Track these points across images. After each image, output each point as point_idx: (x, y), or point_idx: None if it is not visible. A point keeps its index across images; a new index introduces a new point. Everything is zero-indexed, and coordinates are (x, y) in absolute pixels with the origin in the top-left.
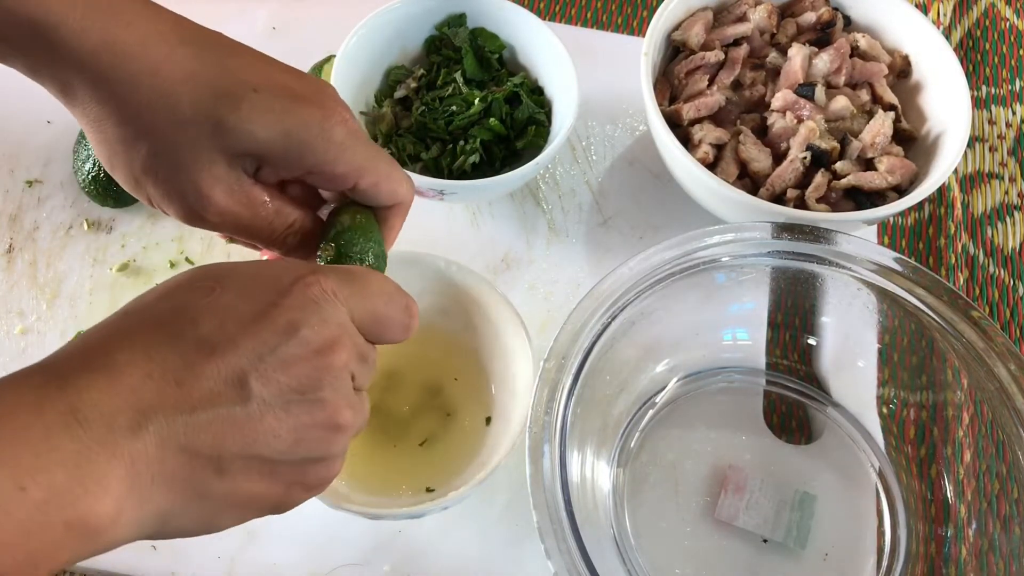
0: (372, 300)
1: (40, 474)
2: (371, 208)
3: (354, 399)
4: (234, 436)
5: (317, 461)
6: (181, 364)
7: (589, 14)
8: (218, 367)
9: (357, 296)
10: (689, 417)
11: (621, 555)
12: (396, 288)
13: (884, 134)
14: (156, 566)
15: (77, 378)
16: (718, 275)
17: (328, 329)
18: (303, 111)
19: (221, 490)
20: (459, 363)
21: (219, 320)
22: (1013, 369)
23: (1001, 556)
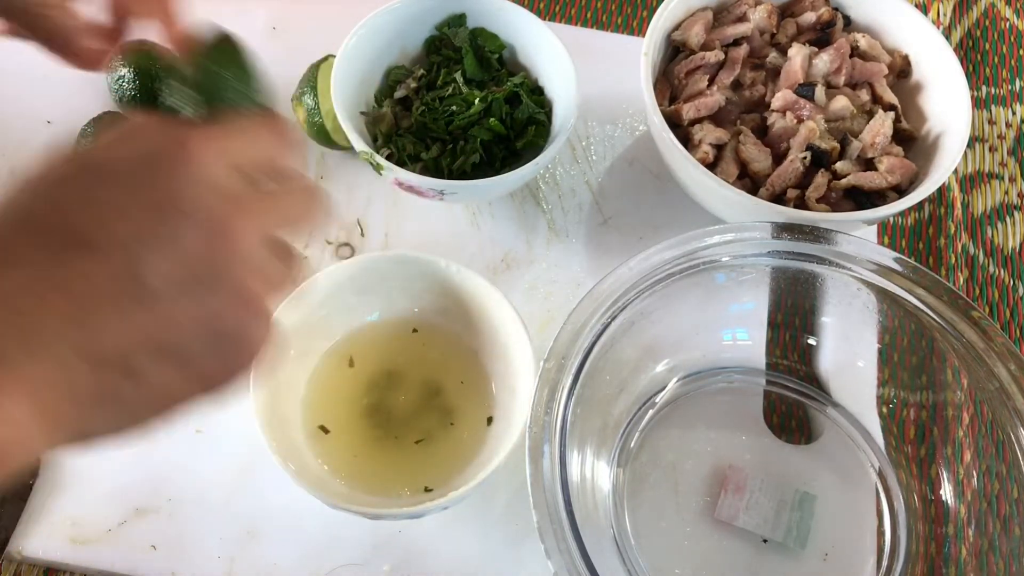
0: (262, 151)
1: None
2: (227, 35)
3: (265, 263)
4: (133, 334)
5: (236, 338)
6: (63, 270)
7: (589, 14)
8: (102, 265)
9: (246, 153)
10: (689, 417)
11: (621, 555)
12: (283, 128)
13: (884, 134)
14: (156, 566)
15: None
16: (718, 275)
17: (214, 204)
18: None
19: (134, 391)
20: (460, 363)
21: (95, 212)
22: (1013, 369)
23: (1001, 556)
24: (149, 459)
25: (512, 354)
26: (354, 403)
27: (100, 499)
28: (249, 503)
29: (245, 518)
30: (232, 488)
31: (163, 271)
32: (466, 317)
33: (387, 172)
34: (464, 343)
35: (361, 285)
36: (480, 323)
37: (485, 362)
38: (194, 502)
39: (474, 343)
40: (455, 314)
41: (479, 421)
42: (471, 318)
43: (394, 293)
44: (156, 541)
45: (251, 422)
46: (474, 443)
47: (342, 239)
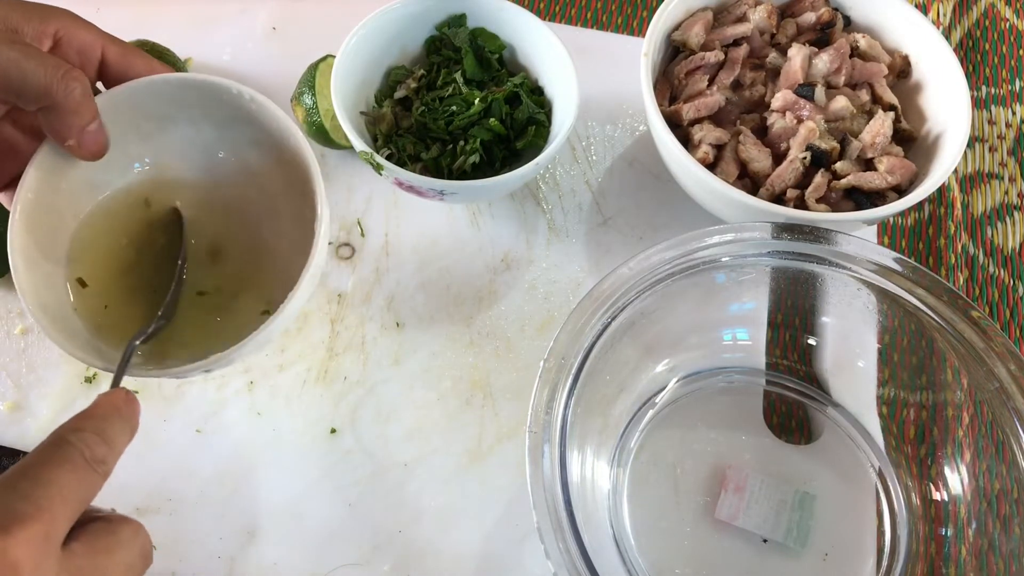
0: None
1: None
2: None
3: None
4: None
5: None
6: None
7: (589, 14)
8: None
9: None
10: (689, 417)
11: (621, 555)
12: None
13: (884, 134)
14: (156, 566)
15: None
16: (718, 275)
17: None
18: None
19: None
20: (248, 231)
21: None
22: (1013, 369)
23: (1001, 556)
24: (149, 459)
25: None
26: (120, 252)
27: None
28: (249, 503)
29: (245, 518)
30: (232, 488)
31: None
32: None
33: (387, 172)
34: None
35: (151, 111)
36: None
37: (273, 235)
38: (194, 502)
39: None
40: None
41: (254, 311)
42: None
43: (200, 127)
44: (156, 541)
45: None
46: (242, 330)
47: (342, 239)
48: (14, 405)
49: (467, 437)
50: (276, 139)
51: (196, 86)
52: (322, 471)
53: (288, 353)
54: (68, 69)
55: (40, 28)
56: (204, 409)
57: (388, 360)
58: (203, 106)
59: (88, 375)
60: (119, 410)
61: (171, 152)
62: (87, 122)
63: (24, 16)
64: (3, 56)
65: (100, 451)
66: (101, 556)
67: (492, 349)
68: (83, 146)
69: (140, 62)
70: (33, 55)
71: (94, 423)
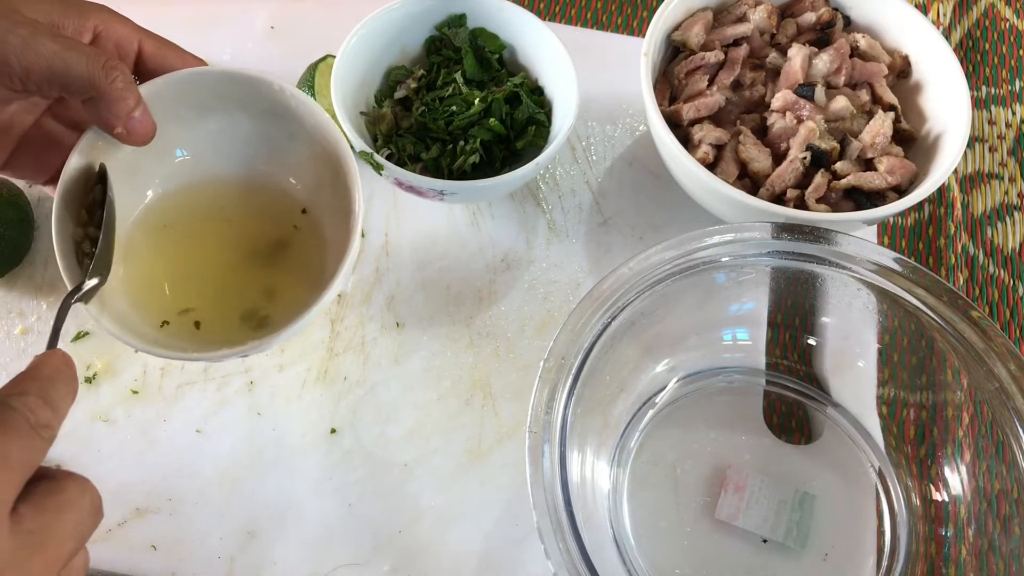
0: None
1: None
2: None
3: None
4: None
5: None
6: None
7: (589, 14)
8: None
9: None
10: (689, 417)
11: (621, 555)
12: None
13: (884, 134)
14: (156, 566)
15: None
16: (718, 275)
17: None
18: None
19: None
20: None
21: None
22: (1013, 369)
23: (1001, 556)
24: (149, 459)
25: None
26: (163, 238)
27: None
28: (249, 503)
29: (245, 518)
30: (232, 488)
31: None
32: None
33: (387, 172)
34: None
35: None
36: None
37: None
38: (194, 502)
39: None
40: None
41: (289, 300)
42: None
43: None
44: (156, 541)
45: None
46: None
47: None
48: None
49: (467, 437)
50: (313, 134)
51: (237, 79)
52: (322, 471)
53: (288, 353)
54: (109, 59)
55: (80, 23)
56: (204, 409)
57: (388, 360)
58: (242, 99)
59: (88, 375)
60: (61, 371)
61: (209, 143)
62: (132, 108)
63: (64, 12)
64: (47, 49)
65: (45, 415)
66: (50, 516)
67: (492, 349)
68: (131, 132)
69: (175, 55)
70: (75, 47)
71: (38, 385)
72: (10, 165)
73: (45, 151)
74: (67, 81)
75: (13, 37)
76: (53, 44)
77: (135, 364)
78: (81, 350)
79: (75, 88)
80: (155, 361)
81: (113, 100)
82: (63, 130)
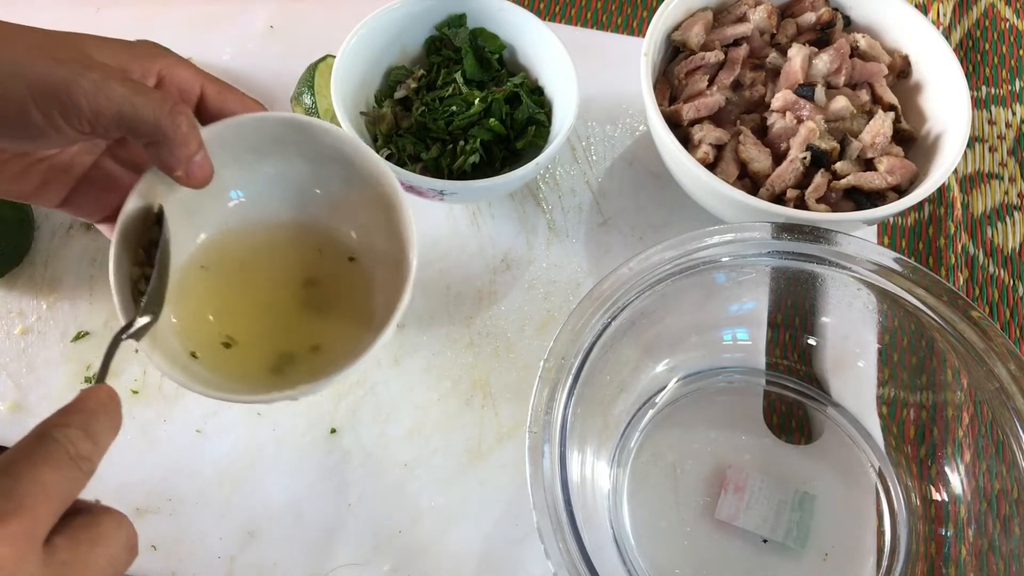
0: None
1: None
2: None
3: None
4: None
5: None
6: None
7: (589, 14)
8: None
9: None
10: (689, 417)
11: (621, 555)
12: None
13: (884, 134)
14: (156, 566)
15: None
16: (718, 275)
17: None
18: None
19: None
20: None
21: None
22: (1013, 369)
23: (1001, 556)
24: (149, 459)
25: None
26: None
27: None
28: (249, 503)
29: (245, 518)
30: (232, 488)
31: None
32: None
33: None
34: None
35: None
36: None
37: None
38: (194, 502)
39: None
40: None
41: (342, 344)
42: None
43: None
44: (156, 541)
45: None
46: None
47: None
48: (14, 405)
49: (467, 437)
50: (368, 180)
51: (297, 125)
52: (322, 471)
53: None
54: (175, 103)
55: (146, 67)
56: (204, 409)
57: (388, 360)
58: (299, 144)
59: (88, 375)
60: (105, 406)
61: (264, 185)
62: (194, 152)
63: (132, 56)
64: (117, 93)
65: (85, 448)
66: (84, 548)
67: (492, 349)
68: (190, 176)
69: (235, 100)
70: (143, 91)
71: (81, 418)
72: (68, 202)
73: (103, 191)
74: (135, 125)
75: (85, 81)
76: (123, 88)
77: (135, 364)
78: (81, 350)
79: (142, 131)
80: None
81: (177, 144)
82: (121, 171)
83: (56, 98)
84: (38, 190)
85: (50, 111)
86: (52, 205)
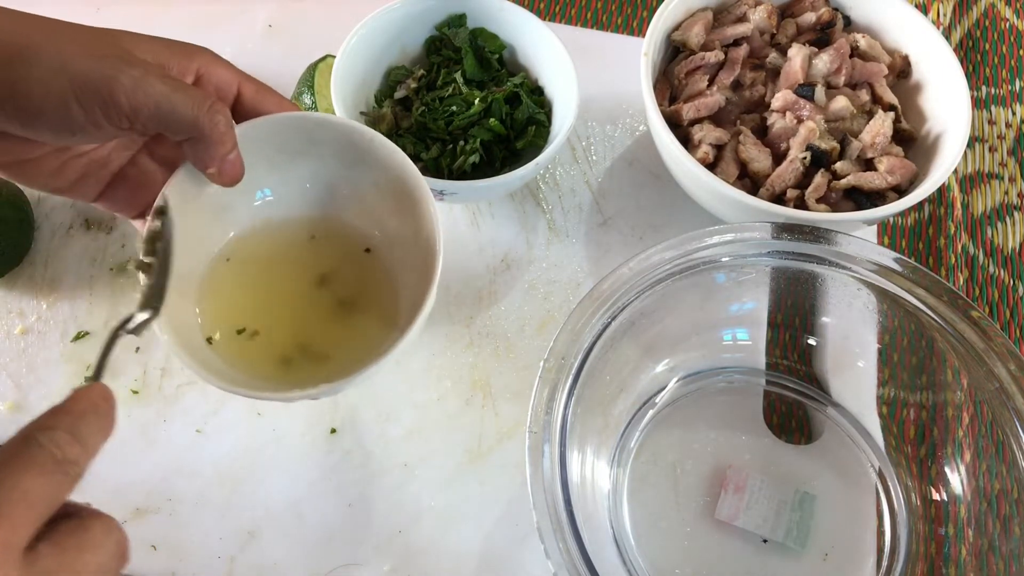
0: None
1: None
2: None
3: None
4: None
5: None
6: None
7: (589, 14)
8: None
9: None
10: (689, 417)
11: (621, 555)
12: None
13: (884, 134)
14: (156, 566)
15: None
16: (718, 275)
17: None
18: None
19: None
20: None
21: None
22: (1013, 369)
23: (1001, 556)
24: (149, 459)
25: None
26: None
27: (100, 499)
28: (249, 503)
29: (245, 518)
30: (232, 488)
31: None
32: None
33: None
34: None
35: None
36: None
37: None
38: (194, 502)
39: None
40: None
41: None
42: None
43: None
44: (156, 541)
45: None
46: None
47: None
48: (14, 405)
49: (467, 437)
50: (396, 184)
51: (330, 126)
52: (322, 471)
53: None
54: (213, 102)
55: (185, 65)
56: (204, 409)
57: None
58: (332, 145)
59: (88, 375)
60: (96, 407)
61: (295, 185)
62: (228, 151)
63: (171, 54)
64: (156, 90)
65: (72, 452)
66: (70, 555)
67: (492, 349)
68: (223, 173)
69: (272, 99)
70: (182, 89)
71: (68, 420)
72: (104, 197)
73: (139, 188)
74: (172, 121)
75: (125, 77)
76: (162, 86)
77: (135, 364)
78: (81, 350)
79: (179, 128)
80: (155, 361)
81: (213, 142)
82: (156, 168)
83: (97, 94)
84: (75, 185)
85: (91, 106)
86: (88, 200)
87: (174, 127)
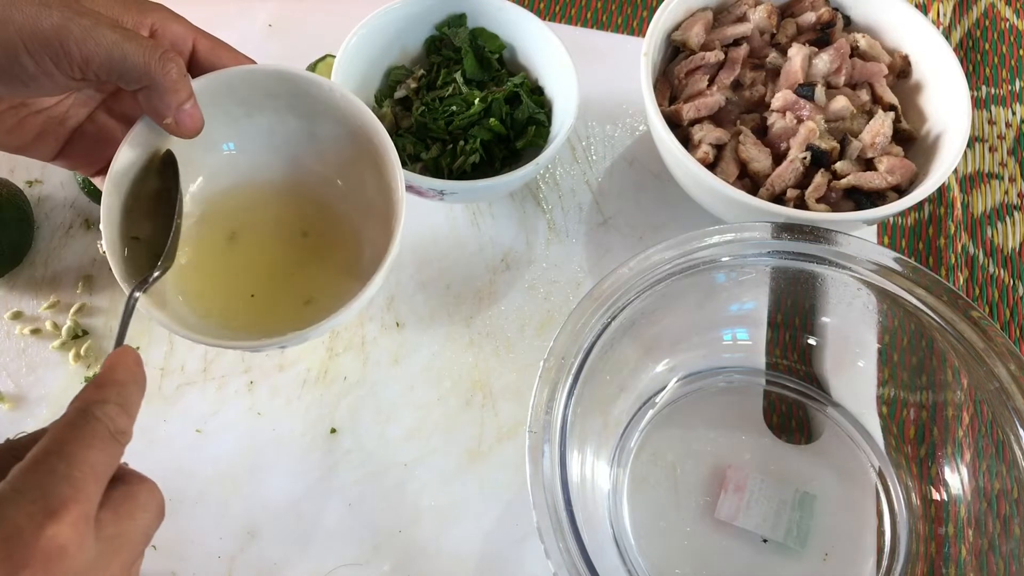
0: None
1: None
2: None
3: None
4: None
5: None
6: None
7: (589, 14)
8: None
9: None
10: (689, 417)
11: (621, 555)
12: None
13: (884, 134)
14: (156, 566)
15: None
16: (718, 275)
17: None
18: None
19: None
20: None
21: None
22: (1013, 369)
23: (1001, 556)
24: (149, 459)
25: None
26: (212, 236)
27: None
28: (249, 503)
29: (245, 518)
30: (232, 488)
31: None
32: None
33: None
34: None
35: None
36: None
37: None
38: (194, 502)
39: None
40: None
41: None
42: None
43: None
44: (156, 541)
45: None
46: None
47: None
48: (14, 405)
49: (467, 437)
50: (358, 134)
51: (287, 78)
52: (322, 471)
53: (288, 353)
54: (165, 51)
55: (138, 19)
56: (204, 409)
57: (388, 360)
58: (291, 97)
59: (88, 376)
60: (134, 374)
61: (256, 139)
62: (183, 101)
63: (124, 8)
64: (107, 38)
65: (123, 422)
66: (125, 522)
67: (492, 349)
68: (180, 124)
69: (228, 55)
70: (133, 37)
71: (116, 392)
72: (62, 155)
73: (97, 144)
74: (124, 69)
75: (75, 26)
76: (113, 34)
77: None
78: (81, 350)
79: (131, 77)
80: (155, 361)
81: (166, 90)
82: (115, 124)
83: (47, 43)
84: (34, 142)
85: (40, 56)
86: (47, 158)
87: (126, 75)
